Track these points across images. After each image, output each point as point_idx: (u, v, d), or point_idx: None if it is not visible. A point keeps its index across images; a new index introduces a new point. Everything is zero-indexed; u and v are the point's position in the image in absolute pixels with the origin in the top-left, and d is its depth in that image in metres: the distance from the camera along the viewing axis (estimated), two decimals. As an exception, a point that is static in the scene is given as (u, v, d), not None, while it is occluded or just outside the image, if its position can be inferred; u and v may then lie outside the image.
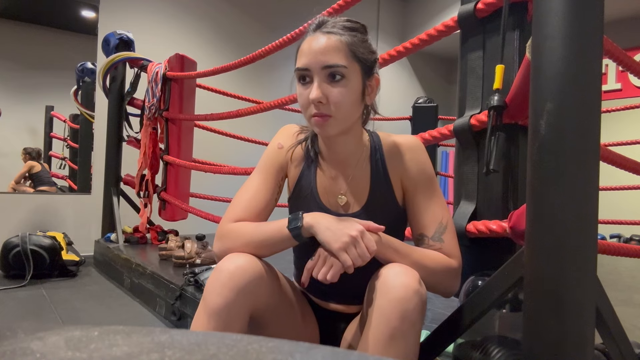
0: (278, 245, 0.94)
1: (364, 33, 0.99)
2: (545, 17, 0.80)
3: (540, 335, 0.79)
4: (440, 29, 1.47)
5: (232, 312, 0.86)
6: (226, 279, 0.87)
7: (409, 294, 0.82)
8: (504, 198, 1.28)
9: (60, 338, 0.31)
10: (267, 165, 1.06)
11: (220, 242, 0.98)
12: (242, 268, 0.88)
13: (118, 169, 3.46)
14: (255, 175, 1.06)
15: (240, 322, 0.88)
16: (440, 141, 1.53)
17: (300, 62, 0.96)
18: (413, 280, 0.84)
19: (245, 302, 0.87)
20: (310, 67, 0.93)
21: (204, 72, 2.87)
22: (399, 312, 0.81)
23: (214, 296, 0.86)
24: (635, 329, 1.55)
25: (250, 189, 1.03)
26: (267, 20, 4.78)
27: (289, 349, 0.29)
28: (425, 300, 0.86)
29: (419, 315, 0.83)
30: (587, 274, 0.78)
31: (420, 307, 0.83)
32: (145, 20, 4.17)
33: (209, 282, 0.90)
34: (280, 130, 1.12)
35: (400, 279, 0.84)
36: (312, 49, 0.94)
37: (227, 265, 0.89)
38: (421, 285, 0.85)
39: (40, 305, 2.20)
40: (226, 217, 1.00)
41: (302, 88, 0.96)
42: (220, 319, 0.85)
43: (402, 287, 0.82)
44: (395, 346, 0.82)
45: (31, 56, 3.91)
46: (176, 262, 2.37)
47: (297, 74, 0.97)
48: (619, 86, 4.90)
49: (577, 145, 0.77)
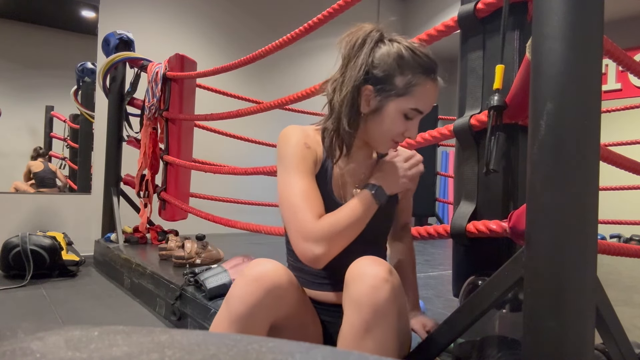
0: (366, 220, 1.00)
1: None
2: (545, 17, 0.80)
3: (540, 335, 0.79)
4: (440, 29, 1.47)
5: (254, 320, 0.86)
6: (251, 285, 0.86)
7: (379, 284, 0.83)
8: (504, 198, 1.28)
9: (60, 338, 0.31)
10: (303, 164, 1.02)
11: (325, 242, 0.92)
12: (268, 275, 0.88)
13: (118, 169, 3.46)
14: (297, 175, 1.00)
15: (261, 330, 0.89)
16: (440, 141, 1.53)
17: (420, 104, 1.01)
18: (383, 271, 0.85)
19: (269, 310, 0.88)
20: (425, 112, 1.02)
21: (204, 72, 2.87)
22: (370, 304, 0.83)
23: (237, 302, 0.86)
24: (635, 329, 1.55)
25: (303, 191, 0.98)
26: (268, 20, 4.78)
27: (289, 349, 0.29)
28: (398, 289, 0.87)
29: (391, 305, 0.84)
30: (587, 274, 0.78)
31: (392, 296, 0.84)
32: (145, 20, 4.16)
33: (234, 287, 0.89)
34: (291, 131, 1.07)
35: (370, 269, 0.85)
36: (434, 98, 1.02)
37: (253, 271, 0.88)
38: (391, 274, 0.86)
39: (40, 305, 2.20)
40: (305, 219, 0.94)
41: (402, 120, 1.01)
42: (242, 326, 0.85)
43: (372, 278, 0.84)
44: (370, 338, 0.83)
45: (31, 56, 3.91)
46: (176, 262, 2.37)
47: (408, 111, 1.01)
48: (619, 86, 4.90)
49: (577, 145, 0.77)
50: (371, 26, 1.02)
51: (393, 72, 0.98)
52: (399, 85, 0.98)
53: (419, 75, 0.99)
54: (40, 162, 3.94)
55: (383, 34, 1.01)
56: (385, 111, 1.01)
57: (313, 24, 2.00)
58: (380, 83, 0.99)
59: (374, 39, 1.00)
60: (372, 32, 1.00)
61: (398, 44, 1.00)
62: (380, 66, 0.99)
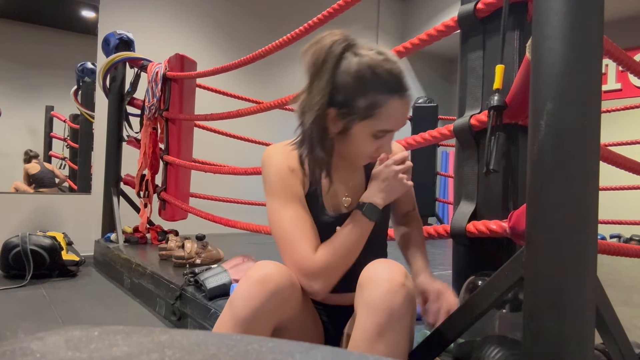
0: (363, 241, 0.98)
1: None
2: (545, 17, 0.80)
3: (540, 335, 0.79)
4: (440, 29, 1.47)
5: (258, 323, 0.86)
6: (256, 287, 0.86)
7: (395, 288, 0.83)
8: (504, 198, 1.28)
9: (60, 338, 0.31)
10: (290, 189, 0.99)
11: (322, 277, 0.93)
12: (272, 278, 0.87)
13: (118, 169, 3.46)
14: (285, 203, 0.98)
15: (266, 332, 0.89)
16: (440, 141, 1.53)
17: (388, 125, 0.96)
18: (399, 275, 0.85)
19: (272, 313, 0.87)
20: (396, 130, 0.99)
21: (204, 72, 2.87)
22: (385, 308, 0.82)
23: (241, 305, 0.86)
24: (635, 329, 1.55)
25: (294, 218, 0.97)
26: (268, 20, 4.78)
27: (289, 349, 0.29)
28: (413, 294, 0.86)
29: (406, 310, 0.84)
30: (587, 274, 0.78)
31: (407, 301, 0.83)
32: (145, 20, 4.16)
33: (238, 289, 0.89)
34: (273, 154, 1.05)
35: (386, 273, 0.85)
36: (403, 116, 0.97)
37: (256, 273, 0.88)
38: (407, 278, 0.86)
39: (40, 305, 2.20)
40: (302, 253, 0.94)
41: (371, 141, 0.97)
42: (246, 329, 0.85)
43: (388, 282, 0.83)
44: (383, 342, 0.83)
45: (31, 56, 3.91)
46: (176, 262, 2.36)
47: (375, 132, 0.96)
48: (619, 86, 4.90)
49: (577, 145, 0.77)
50: (334, 36, 0.94)
51: (354, 95, 0.92)
52: (361, 107, 0.92)
53: (382, 96, 0.92)
54: (35, 164, 3.93)
55: (347, 47, 0.93)
56: (352, 134, 0.96)
57: (313, 24, 2.00)
58: (343, 106, 0.93)
59: (335, 55, 0.92)
60: (333, 46, 0.92)
61: (360, 60, 0.92)
62: (341, 88, 0.93)
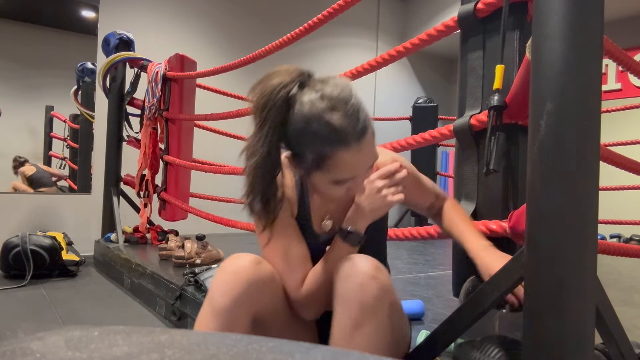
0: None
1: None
2: (545, 17, 0.80)
3: (540, 335, 0.79)
4: (440, 29, 1.47)
5: (237, 313, 0.87)
6: (231, 279, 0.88)
7: (366, 281, 0.83)
8: (504, 198, 1.28)
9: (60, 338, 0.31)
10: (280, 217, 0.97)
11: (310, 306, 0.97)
12: (247, 268, 0.89)
13: (118, 169, 3.46)
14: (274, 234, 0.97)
15: (244, 323, 0.89)
16: (440, 141, 1.53)
17: (344, 174, 0.87)
18: (369, 268, 0.85)
19: (250, 302, 0.88)
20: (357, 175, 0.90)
21: (204, 72, 2.87)
22: (357, 302, 0.83)
23: (218, 296, 0.87)
24: (635, 329, 1.55)
25: (281, 248, 0.97)
26: (268, 20, 4.78)
27: (289, 349, 0.29)
28: (386, 286, 0.86)
29: (380, 302, 0.84)
30: (587, 274, 0.78)
31: (380, 294, 0.84)
32: (145, 20, 4.16)
33: (215, 282, 0.90)
34: None
35: (357, 268, 0.85)
36: (360, 163, 0.87)
37: (232, 265, 0.90)
38: (379, 271, 0.86)
39: (40, 305, 2.20)
40: (290, 286, 0.96)
41: (336, 187, 0.90)
42: (224, 318, 0.86)
43: (359, 276, 0.84)
44: (359, 335, 0.83)
45: (31, 56, 3.91)
46: (176, 262, 2.36)
47: (334, 181, 0.88)
48: (619, 86, 4.90)
49: (577, 145, 0.77)
50: (282, 77, 0.86)
51: (301, 147, 0.86)
52: (310, 159, 0.86)
53: (326, 149, 0.83)
54: (30, 166, 3.93)
55: (291, 94, 0.85)
56: (312, 180, 0.93)
57: (313, 24, 2.00)
58: (295, 155, 0.89)
59: (279, 101, 0.84)
60: (279, 91, 0.84)
61: (300, 110, 0.83)
62: (288, 136, 0.86)
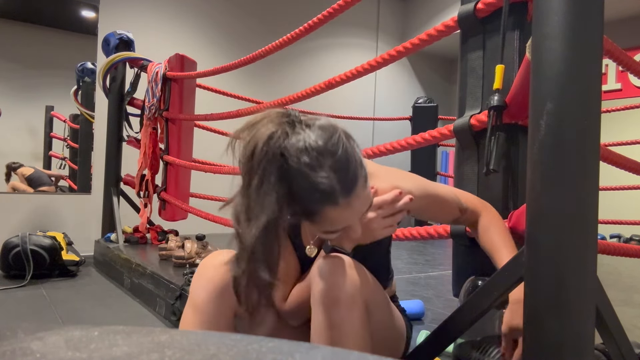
0: None
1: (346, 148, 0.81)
2: (545, 17, 0.80)
3: (540, 335, 0.79)
4: (440, 29, 1.47)
5: (217, 307, 0.87)
6: (211, 274, 0.88)
7: (338, 280, 0.83)
8: (504, 198, 1.28)
9: (60, 338, 0.31)
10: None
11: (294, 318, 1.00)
12: (227, 264, 0.88)
13: (118, 169, 3.46)
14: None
15: (226, 317, 0.89)
16: (440, 141, 1.53)
17: (334, 226, 0.83)
18: (340, 265, 0.85)
19: (231, 297, 0.86)
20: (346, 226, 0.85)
21: (204, 72, 2.87)
22: (330, 300, 0.83)
23: (199, 291, 0.88)
24: (635, 329, 1.55)
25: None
26: (268, 20, 4.78)
27: (288, 349, 0.29)
28: (360, 283, 0.85)
29: (352, 300, 0.84)
30: (587, 274, 0.78)
31: (352, 290, 0.83)
32: (146, 20, 4.16)
33: (195, 277, 0.91)
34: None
35: (328, 266, 0.85)
36: (351, 215, 0.82)
37: (211, 261, 0.91)
38: (351, 268, 0.85)
39: (40, 305, 2.20)
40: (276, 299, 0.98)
41: (329, 234, 0.87)
42: (205, 313, 0.87)
43: (331, 275, 0.84)
44: (337, 334, 0.83)
45: (31, 56, 3.91)
46: (176, 262, 2.36)
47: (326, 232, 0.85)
48: (619, 86, 4.90)
49: (577, 145, 0.77)
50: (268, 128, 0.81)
51: (284, 200, 0.77)
52: (298, 211, 0.80)
53: (316, 206, 0.78)
54: (26, 168, 3.92)
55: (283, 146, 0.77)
56: (303, 227, 0.91)
57: (313, 24, 2.00)
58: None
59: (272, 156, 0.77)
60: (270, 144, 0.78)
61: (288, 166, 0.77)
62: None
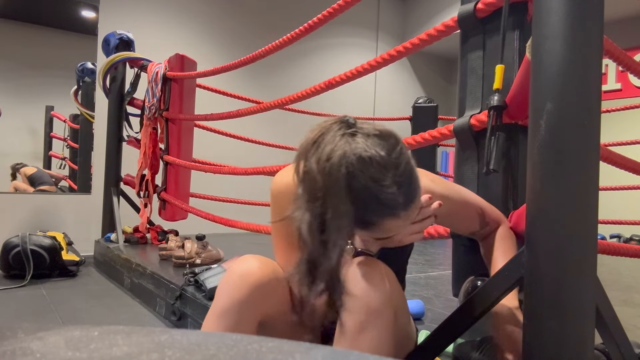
0: None
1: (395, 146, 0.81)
2: (545, 17, 0.80)
3: (540, 335, 0.79)
4: (440, 29, 1.47)
5: (242, 315, 0.87)
6: (237, 280, 0.87)
7: (371, 287, 0.84)
8: (504, 198, 1.28)
9: (60, 338, 0.31)
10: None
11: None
12: (254, 271, 0.89)
13: (118, 169, 3.46)
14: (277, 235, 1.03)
15: (250, 325, 0.89)
16: (440, 141, 1.53)
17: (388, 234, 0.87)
18: (375, 271, 0.86)
19: (256, 305, 0.88)
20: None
21: (204, 72, 2.87)
22: (362, 305, 0.84)
23: (224, 297, 0.87)
24: (635, 329, 1.54)
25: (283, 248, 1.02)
26: (268, 20, 4.78)
27: (289, 349, 0.29)
28: (392, 289, 0.86)
29: (385, 307, 0.84)
30: (587, 274, 0.78)
31: (385, 297, 0.84)
32: (146, 20, 4.16)
33: (222, 283, 0.90)
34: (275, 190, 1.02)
35: (362, 272, 0.86)
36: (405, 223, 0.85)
37: (239, 267, 0.90)
38: (385, 275, 0.86)
39: (40, 305, 2.20)
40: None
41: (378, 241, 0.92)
42: (229, 320, 0.86)
43: (365, 281, 0.85)
44: (364, 339, 0.84)
45: (31, 56, 3.90)
46: (176, 262, 2.36)
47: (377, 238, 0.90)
48: (619, 86, 4.90)
49: (577, 145, 0.77)
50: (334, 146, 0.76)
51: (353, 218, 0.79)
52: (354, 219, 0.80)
53: (376, 217, 0.81)
54: (29, 167, 3.93)
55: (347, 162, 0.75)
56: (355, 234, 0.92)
57: (313, 24, 2.00)
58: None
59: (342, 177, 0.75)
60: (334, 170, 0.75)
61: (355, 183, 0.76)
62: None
